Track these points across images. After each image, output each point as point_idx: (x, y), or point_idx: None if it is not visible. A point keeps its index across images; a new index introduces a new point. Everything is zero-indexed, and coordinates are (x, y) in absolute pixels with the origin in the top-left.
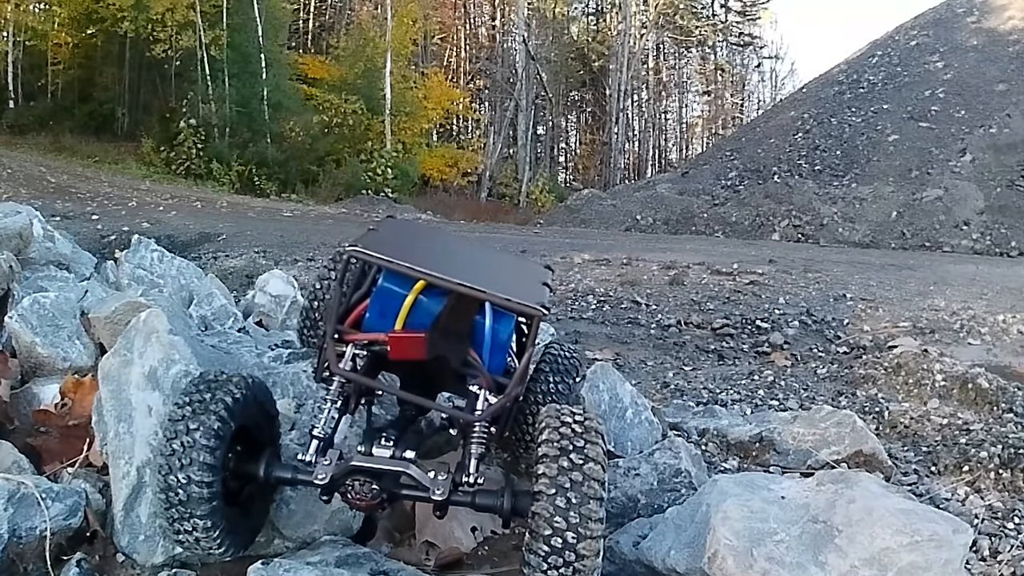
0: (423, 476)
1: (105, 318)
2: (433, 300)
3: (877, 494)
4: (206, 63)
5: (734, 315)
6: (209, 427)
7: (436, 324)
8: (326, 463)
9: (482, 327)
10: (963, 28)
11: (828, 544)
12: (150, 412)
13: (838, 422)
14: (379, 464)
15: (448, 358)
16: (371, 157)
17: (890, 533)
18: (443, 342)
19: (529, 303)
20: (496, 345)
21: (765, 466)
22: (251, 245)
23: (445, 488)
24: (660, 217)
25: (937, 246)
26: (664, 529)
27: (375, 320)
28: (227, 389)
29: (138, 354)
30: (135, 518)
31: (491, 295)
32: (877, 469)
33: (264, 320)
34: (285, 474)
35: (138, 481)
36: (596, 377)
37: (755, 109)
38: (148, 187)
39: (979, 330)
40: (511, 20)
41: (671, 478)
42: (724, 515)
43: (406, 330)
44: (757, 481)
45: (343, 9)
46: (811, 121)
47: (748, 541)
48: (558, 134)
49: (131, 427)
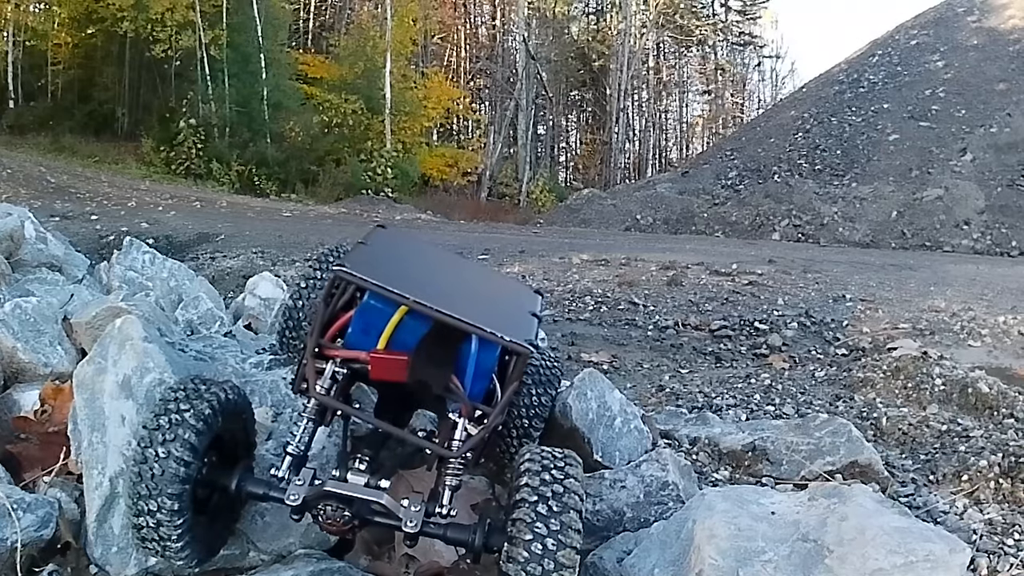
0: (395, 506)
1: (86, 323)
2: (419, 321)
3: (871, 511)
4: (206, 63)
5: (732, 316)
6: (185, 440)
7: (420, 348)
8: (299, 483)
9: (467, 354)
10: (963, 27)
11: (818, 565)
12: (123, 421)
13: (833, 431)
14: (352, 492)
15: (429, 383)
16: (371, 157)
17: (884, 553)
18: (425, 366)
19: (516, 340)
20: (479, 373)
21: (758, 477)
22: (249, 245)
23: (417, 520)
24: (660, 217)
25: (937, 246)
26: (649, 546)
27: (357, 336)
28: (205, 399)
29: (112, 362)
30: (108, 529)
31: (478, 328)
32: (873, 480)
33: (253, 323)
34: (257, 489)
35: (111, 492)
36: (584, 384)
37: (755, 108)
38: (148, 187)
39: (980, 332)
40: (511, 19)
41: (658, 491)
42: (710, 532)
43: (389, 351)
44: (747, 495)
45: (343, 8)
46: (811, 120)
47: (734, 561)
48: (558, 134)
49: (104, 436)
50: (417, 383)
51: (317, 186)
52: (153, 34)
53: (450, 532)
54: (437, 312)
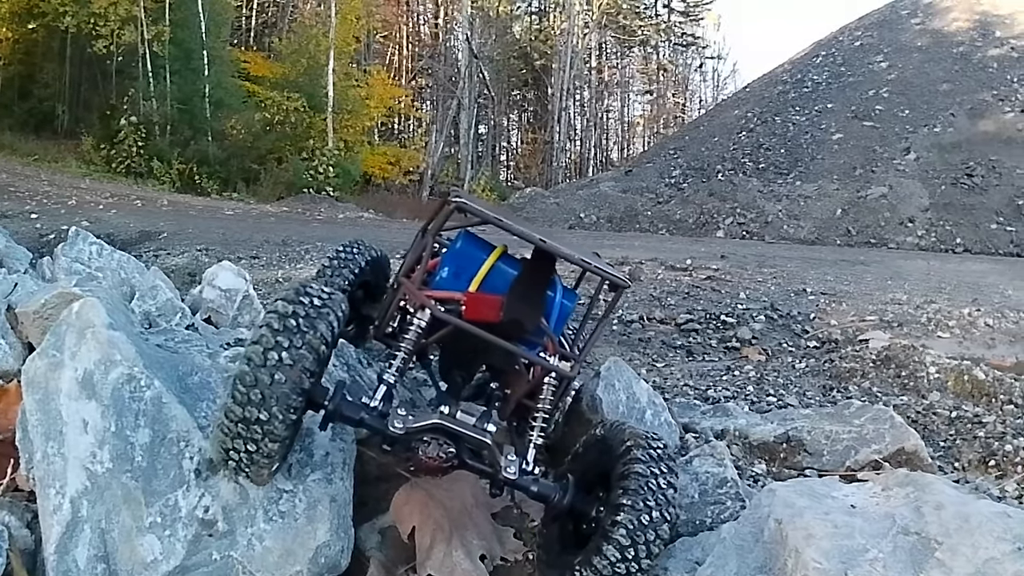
0: (496, 452)
1: (34, 312)
2: (508, 266)
3: (964, 498)
4: (148, 59)
5: (697, 310)
6: (309, 360)
7: (513, 288)
8: (402, 414)
9: (551, 299)
10: (907, 29)
11: (928, 559)
12: (85, 427)
13: (874, 418)
14: (463, 429)
15: (522, 321)
16: (313, 155)
17: (992, 541)
18: (519, 305)
19: (618, 274)
20: (561, 317)
21: (798, 469)
22: (193, 243)
23: (516, 469)
24: (604, 215)
25: (883, 243)
26: (724, 552)
27: (448, 279)
28: (335, 306)
29: (70, 354)
30: (71, 563)
31: (596, 266)
32: (919, 467)
33: (213, 316)
34: (352, 414)
35: (73, 516)
36: (611, 374)
37: (697, 109)
38: (88, 185)
39: (947, 323)
40: (454, 18)
41: (715, 489)
42: (806, 532)
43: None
44: (817, 488)
45: (286, 6)
46: (755, 120)
47: (840, 562)
48: (500, 133)
49: (62, 447)
50: (510, 322)
51: (259, 185)
52: (95, 29)
53: (537, 487)
54: (562, 251)
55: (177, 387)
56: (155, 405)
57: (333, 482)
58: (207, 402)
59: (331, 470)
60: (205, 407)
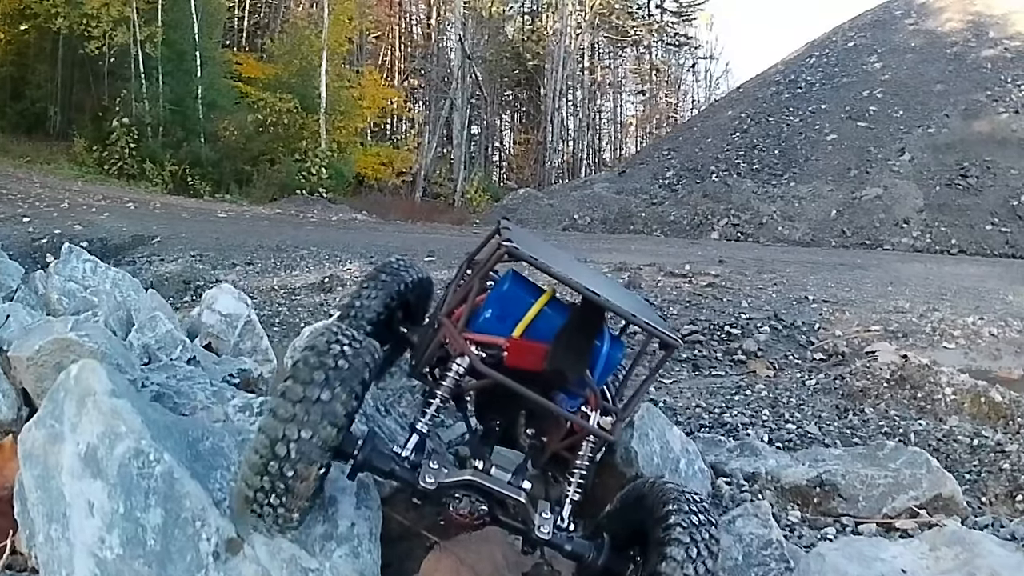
0: (530, 510)
1: (28, 359)
2: (556, 312)
3: (1014, 559)
4: (140, 60)
5: (700, 320)
6: (342, 411)
7: (560, 337)
8: (434, 467)
9: (598, 349)
10: (901, 30)
11: None
12: (91, 509)
13: (910, 462)
14: (497, 487)
15: (566, 373)
16: (305, 156)
17: None
18: (564, 356)
19: (670, 333)
20: (607, 369)
21: (833, 516)
22: (187, 248)
23: (549, 528)
24: (598, 216)
25: (877, 244)
26: None
27: (491, 322)
28: (368, 352)
29: (70, 426)
30: None
31: (647, 323)
32: (955, 512)
33: (214, 343)
34: (383, 465)
35: None
36: (644, 424)
37: (689, 109)
38: (80, 188)
39: (951, 333)
40: (447, 19)
41: (759, 551)
42: None
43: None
44: (865, 550)
45: (279, 7)
46: (749, 120)
47: None
48: (493, 133)
49: (66, 531)
50: (553, 372)
51: (251, 186)
52: (87, 30)
53: (572, 546)
54: (609, 303)
55: (188, 456)
56: (166, 482)
57: (360, 556)
58: (221, 470)
59: (358, 543)
60: (219, 476)
